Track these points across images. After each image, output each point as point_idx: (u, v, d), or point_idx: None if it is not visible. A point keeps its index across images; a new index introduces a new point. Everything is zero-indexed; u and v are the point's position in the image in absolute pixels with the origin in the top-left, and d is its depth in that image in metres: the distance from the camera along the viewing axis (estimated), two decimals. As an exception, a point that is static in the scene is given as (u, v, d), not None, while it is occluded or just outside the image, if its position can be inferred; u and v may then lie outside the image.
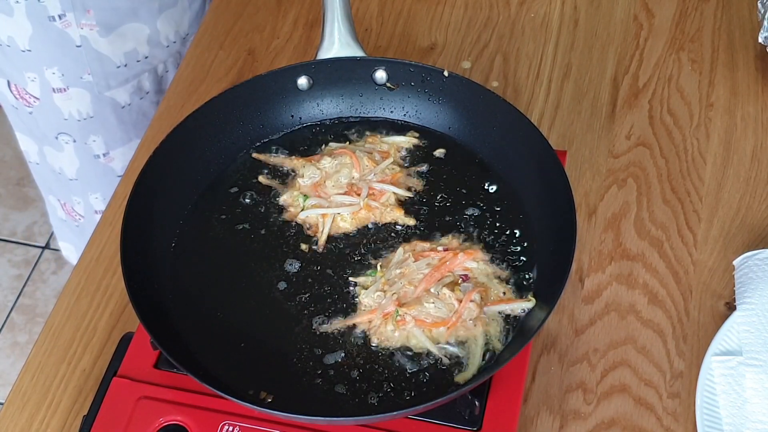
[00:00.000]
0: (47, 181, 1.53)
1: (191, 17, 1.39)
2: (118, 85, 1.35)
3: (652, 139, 1.17)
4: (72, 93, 1.33)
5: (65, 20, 1.25)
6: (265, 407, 0.87)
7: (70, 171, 1.45)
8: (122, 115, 1.39)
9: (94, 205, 1.50)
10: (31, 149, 1.46)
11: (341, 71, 1.08)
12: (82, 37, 1.27)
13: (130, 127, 1.41)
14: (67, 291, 1.07)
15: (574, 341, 1.00)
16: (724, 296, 1.03)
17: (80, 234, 1.57)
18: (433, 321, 0.92)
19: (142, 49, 1.34)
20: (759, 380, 0.93)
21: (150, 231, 0.98)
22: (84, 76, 1.32)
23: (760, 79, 1.21)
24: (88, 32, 1.27)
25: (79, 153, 1.42)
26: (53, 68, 1.30)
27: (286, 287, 0.97)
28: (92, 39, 1.28)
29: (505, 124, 1.03)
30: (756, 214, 1.09)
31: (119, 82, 1.35)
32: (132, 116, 1.40)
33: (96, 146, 1.41)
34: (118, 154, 1.44)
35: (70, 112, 1.36)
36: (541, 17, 1.30)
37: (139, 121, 1.42)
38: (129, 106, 1.38)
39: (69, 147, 1.41)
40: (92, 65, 1.31)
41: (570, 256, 0.90)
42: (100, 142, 1.40)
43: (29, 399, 0.99)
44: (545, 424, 0.95)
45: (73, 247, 1.64)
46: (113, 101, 1.36)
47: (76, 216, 1.54)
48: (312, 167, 1.04)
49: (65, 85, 1.32)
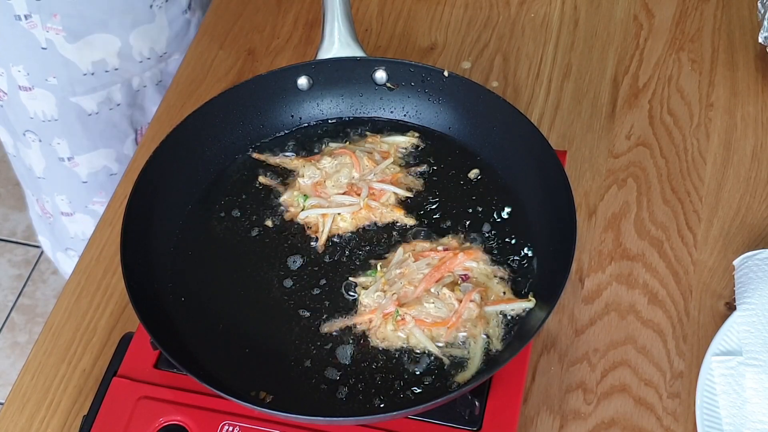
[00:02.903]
0: (23, 176, 1.51)
1: (170, 36, 1.35)
2: (84, 92, 1.31)
3: (652, 139, 1.17)
4: (37, 93, 1.31)
5: (31, 21, 1.23)
6: (265, 407, 0.87)
7: (38, 169, 1.43)
8: (88, 122, 1.35)
9: (60, 206, 1.47)
10: (8, 141, 1.44)
11: (341, 71, 1.08)
12: (47, 40, 1.25)
13: (97, 135, 1.37)
14: (67, 291, 1.07)
15: (574, 341, 1.00)
16: (724, 296, 1.03)
17: (52, 231, 1.55)
18: (433, 321, 0.92)
19: (112, 60, 1.30)
20: (759, 380, 0.93)
21: (150, 231, 0.98)
22: (49, 79, 1.29)
23: (760, 79, 1.21)
24: (54, 36, 1.25)
25: (44, 153, 1.39)
26: (19, 66, 1.28)
27: (285, 287, 0.97)
28: (58, 43, 1.25)
29: (505, 124, 1.03)
30: (756, 214, 1.09)
31: (86, 90, 1.31)
32: (99, 126, 1.36)
33: (60, 149, 1.38)
34: (84, 160, 1.39)
35: (35, 111, 1.33)
36: (541, 17, 1.30)
37: (108, 131, 1.38)
38: (96, 114, 1.35)
39: (35, 146, 1.38)
40: (57, 69, 1.28)
41: (570, 256, 0.90)
42: (64, 145, 1.37)
43: (29, 399, 0.99)
44: (545, 424, 0.95)
45: (49, 243, 1.62)
46: (79, 107, 1.33)
47: (47, 214, 1.52)
48: (312, 167, 1.04)
49: (31, 84, 1.30)
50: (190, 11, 1.36)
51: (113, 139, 1.39)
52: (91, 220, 1.46)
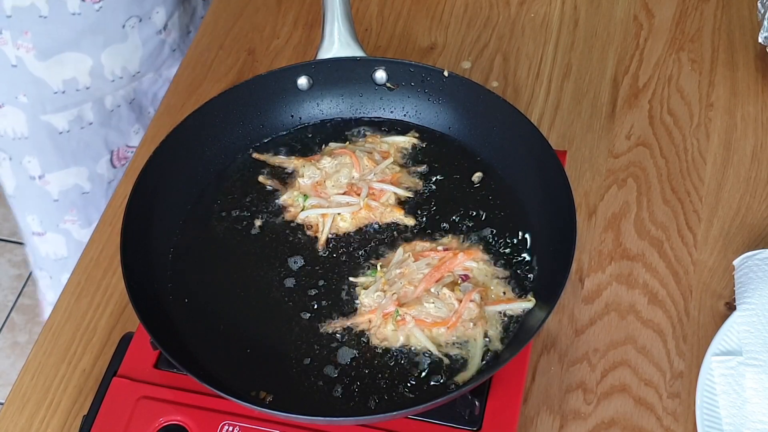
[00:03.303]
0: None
1: (144, 56, 1.33)
2: (55, 110, 1.29)
3: (652, 139, 1.17)
4: (7, 111, 1.29)
5: (1, 38, 1.21)
6: (265, 407, 0.87)
7: (9, 187, 1.40)
8: (59, 141, 1.32)
9: (30, 226, 1.43)
10: None
11: (341, 71, 1.08)
12: (17, 58, 1.23)
13: (68, 154, 1.34)
14: (67, 291, 1.07)
15: (574, 341, 1.00)
16: (724, 296, 1.03)
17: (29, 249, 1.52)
18: (433, 321, 0.92)
19: (83, 79, 1.28)
20: (759, 380, 0.93)
21: (150, 231, 0.98)
22: (19, 97, 1.27)
23: (760, 79, 1.21)
24: (24, 54, 1.23)
25: (15, 171, 1.36)
26: None
27: (285, 287, 0.97)
28: (28, 61, 1.23)
29: (505, 124, 1.03)
30: (756, 214, 1.09)
31: (56, 108, 1.29)
32: (71, 144, 1.34)
33: (31, 167, 1.35)
34: (55, 179, 1.36)
35: (5, 129, 1.31)
36: (541, 17, 1.30)
37: (80, 150, 1.35)
38: (68, 133, 1.32)
39: (6, 164, 1.36)
40: (28, 87, 1.26)
41: (570, 256, 0.90)
42: (35, 163, 1.34)
43: (29, 399, 0.99)
44: (545, 424, 0.95)
45: (31, 258, 1.57)
46: (50, 125, 1.30)
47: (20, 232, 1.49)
48: (312, 167, 1.04)
49: (1, 101, 1.28)
50: (165, 32, 1.34)
51: (86, 158, 1.36)
52: (62, 239, 1.43)
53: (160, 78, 1.38)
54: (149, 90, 1.38)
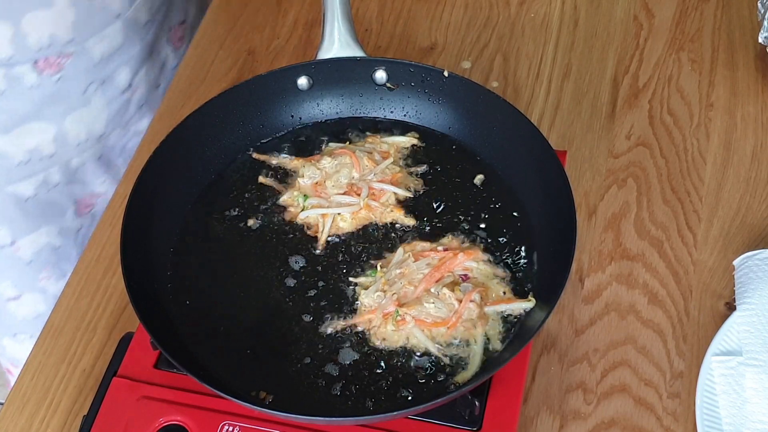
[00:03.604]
0: None
1: (109, 117, 1.26)
2: (20, 179, 1.23)
3: (652, 139, 1.17)
4: None
5: None
6: (265, 407, 0.87)
7: None
8: (27, 207, 1.26)
9: (4, 293, 1.35)
10: None
11: (341, 71, 1.08)
12: None
13: (37, 216, 1.28)
14: (67, 291, 1.07)
15: (574, 341, 1.00)
16: (724, 296, 1.03)
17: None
18: (433, 321, 0.92)
19: (47, 147, 1.21)
20: (759, 380, 0.93)
21: (150, 231, 0.98)
22: None
23: (760, 79, 1.21)
24: None
25: None
26: None
27: (285, 287, 0.97)
28: None
29: (505, 124, 1.03)
30: (756, 214, 1.09)
31: (21, 177, 1.23)
32: (39, 207, 1.27)
33: (1, 236, 1.28)
34: (26, 243, 1.30)
35: None
36: (541, 17, 1.30)
37: (48, 210, 1.28)
38: (34, 197, 1.26)
39: None
40: None
41: (570, 256, 0.90)
42: (4, 232, 1.28)
43: (29, 399, 0.99)
44: (545, 424, 0.95)
45: None
46: (15, 194, 1.24)
47: None
48: (312, 167, 1.04)
49: None
50: (130, 90, 1.28)
51: (54, 216, 1.31)
52: (41, 297, 1.37)
53: (128, 132, 1.32)
54: (117, 144, 1.32)
